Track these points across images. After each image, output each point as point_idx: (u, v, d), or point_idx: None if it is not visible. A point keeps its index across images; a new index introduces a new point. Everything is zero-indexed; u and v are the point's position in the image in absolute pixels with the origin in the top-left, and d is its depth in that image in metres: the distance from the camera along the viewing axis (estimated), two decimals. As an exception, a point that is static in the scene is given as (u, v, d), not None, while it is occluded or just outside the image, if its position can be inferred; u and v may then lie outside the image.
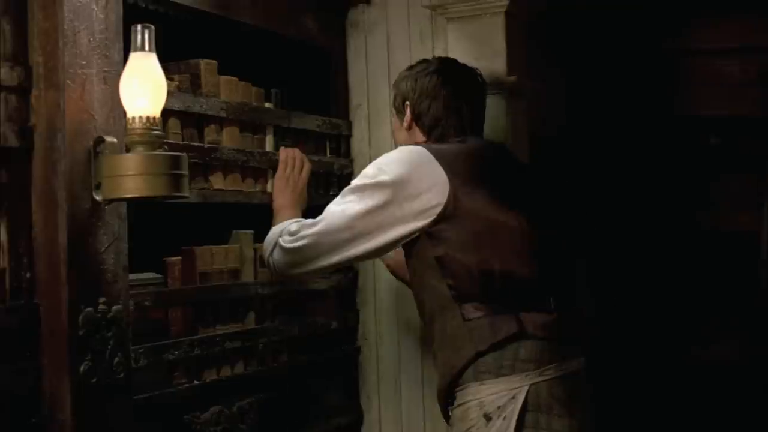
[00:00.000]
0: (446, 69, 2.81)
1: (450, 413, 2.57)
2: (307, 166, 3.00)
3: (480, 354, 2.44)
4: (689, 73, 4.89)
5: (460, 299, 2.48)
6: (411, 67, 2.85)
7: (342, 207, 2.57)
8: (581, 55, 4.86)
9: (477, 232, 2.49)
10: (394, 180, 2.52)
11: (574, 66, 4.87)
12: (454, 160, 2.56)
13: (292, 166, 2.96)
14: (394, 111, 2.87)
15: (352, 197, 2.57)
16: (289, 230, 2.64)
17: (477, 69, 2.88)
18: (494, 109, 3.27)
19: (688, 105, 4.90)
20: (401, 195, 2.51)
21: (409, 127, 2.78)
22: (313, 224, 2.60)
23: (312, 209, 2.90)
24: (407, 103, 2.77)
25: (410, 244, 2.57)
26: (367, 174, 2.58)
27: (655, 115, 4.99)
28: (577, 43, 4.78)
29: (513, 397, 2.43)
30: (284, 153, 2.98)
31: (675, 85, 4.92)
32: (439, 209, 2.49)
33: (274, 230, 2.71)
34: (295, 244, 2.61)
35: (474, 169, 2.58)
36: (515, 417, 2.41)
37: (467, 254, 2.48)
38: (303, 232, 2.60)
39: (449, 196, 2.49)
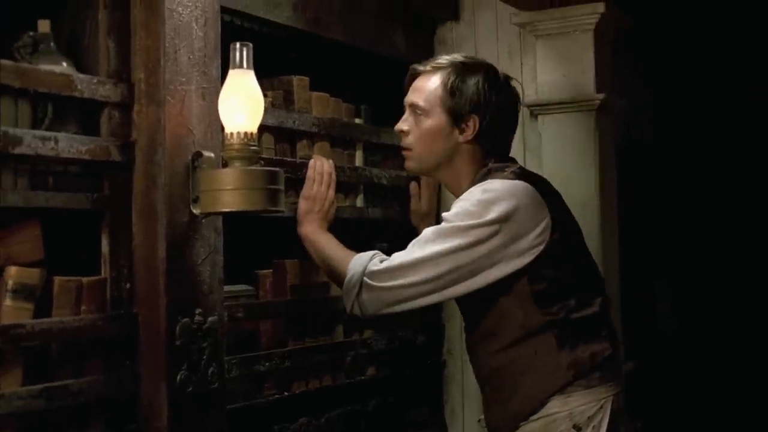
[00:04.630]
0: (508, 82, 2.63)
1: (517, 427, 2.50)
2: (333, 181, 2.78)
3: (578, 377, 2.43)
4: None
5: (552, 326, 2.44)
6: (472, 68, 2.58)
7: (446, 246, 2.39)
8: (670, 71, 4.82)
9: (573, 267, 2.49)
10: (502, 219, 2.39)
11: (663, 82, 4.84)
12: (549, 195, 2.49)
13: (319, 183, 2.74)
14: (436, 107, 2.56)
15: (458, 237, 2.39)
16: (375, 270, 2.44)
17: None
18: (583, 125, 3.29)
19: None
20: (508, 235, 2.39)
21: (467, 142, 2.55)
22: (412, 264, 2.41)
23: (400, 222, 2.92)
24: (474, 116, 2.54)
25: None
26: (473, 213, 2.41)
27: (740, 132, 4.94)
28: (666, 60, 4.75)
29: (601, 407, 2.44)
30: (312, 168, 2.75)
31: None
32: (542, 247, 2.40)
33: (352, 269, 2.47)
34: (389, 283, 2.43)
35: (559, 201, 2.55)
36: (605, 426, 2.42)
37: (564, 289, 2.45)
38: (399, 272, 2.42)
39: (552, 236, 2.42)
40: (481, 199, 2.42)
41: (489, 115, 2.53)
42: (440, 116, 2.55)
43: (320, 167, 2.75)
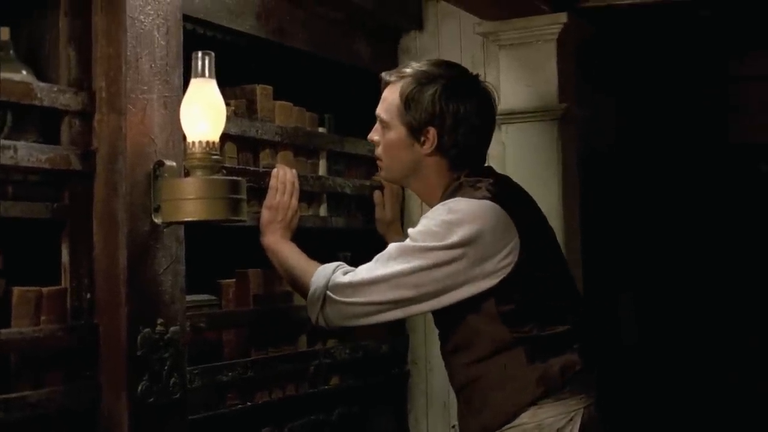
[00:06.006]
0: (475, 88, 2.55)
1: None
2: (296, 190, 2.77)
3: (548, 393, 2.42)
4: (742, 99, 4.87)
5: (522, 342, 2.42)
6: (432, 77, 2.49)
7: (407, 266, 2.37)
8: (630, 81, 4.86)
9: (544, 285, 2.46)
10: (465, 243, 2.35)
11: (623, 92, 4.87)
12: (519, 213, 2.43)
13: (282, 192, 2.72)
14: (395, 119, 2.52)
15: (418, 258, 2.37)
16: (338, 282, 2.43)
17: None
18: (546, 135, 3.30)
19: (740, 132, 4.87)
20: (473, 257, 2.36)
21: (431, 154, 2.50)
22: (375, 281, 2.40)
23: (363, 232, 2.93)
24: (431, 128, 2.48)
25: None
26: (435, 234, 2.37)
27: (705, 142, 4.98)
28: (626, 70, 4.79)
29: (571, 419, 2.42)
30: (275, 177, 2.73)
31: (727, 111, 4.91)
32: (509, 269, 2.37)
33: (316, 282, 2.45)
34: (353, 299, 2.41)
35: (531, 217, 2.51)
36: None
37: (533, 309, 2.43)
38: (362, 288, 2.41)
39: (520, 256, 2.38)
40: (444, 220, 2.38)
41: (448, 126, 2.47)
42: (399, 129, 2.52)
43: (283, 176, 2.74)
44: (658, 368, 4.97)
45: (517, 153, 3.32)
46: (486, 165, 2.65)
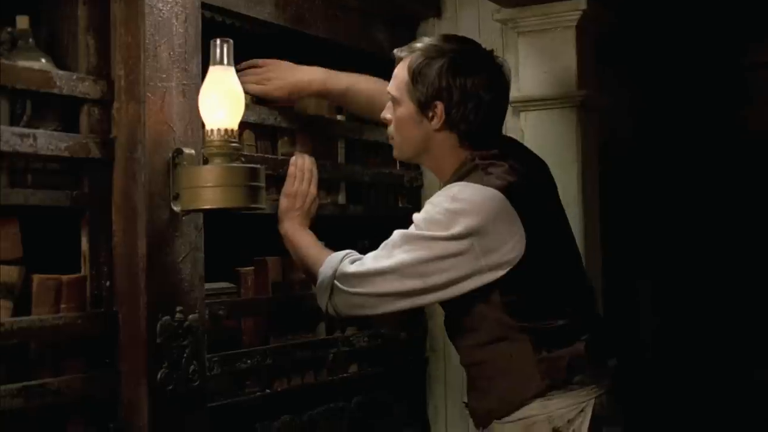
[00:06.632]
0: (486, 62, 2.49)
1: (494, 426, 2.49)
2: (315, 178, 2.75)
3: (553, 386, 2.40)
4: (762, 86, 4.83)
5: (528, 332, 2.40)
6: (441, 51, 2.44)
7: (412, 256, 2.35)
8: (651, 69, 4.83)
9: (549, 276, 2.44)
10: (471, 232, 2.31)
11: (644, 80, 4.84)
12: (527, 204, 2.38)
13: (301, 179, 2.71)
14: (404, 95, 2.48)
15: (423, 248, 2.34)
16: (345, 272, 2.42)
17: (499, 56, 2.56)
18: (565, 122, 3.29)
19: (759, 119, 4.83)
20: (478, 248, 2.32)
21: (440, 130, 2.45)
22: (380, 272, 2.38)
23: (382, 219, 2.93)
24: (438, 103, 2.43)
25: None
26: (439, 222, 2.34)
27: (724, 128, 4.94)
28: (646, 58, 4.76)
29: (582, 411, 2.41)
30: (294, 164, 2.72)
31: (746, 98, 4.86)
32: (515, 261, 2.33)
33: (324, 272, 2.45)
34: (359, 290, 2.41)
35: (540, 208, 2.46)
36: (585, 430, 2.40)
37: (541, 300, 2.42)
38: (368, 279, 2.40)
39: (526, 249, 2.33)
40: (448, 209, 2.34)
41: (455, 101, 2.41)
42: (408, 105, 2.47)
43: (302, 164, 2.73)
44: (677, 362, 4.94)
45: (536, 140, 3.29)
46: (509, 137, 2.60)
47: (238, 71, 2.27)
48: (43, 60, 2.13)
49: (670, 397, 4.87)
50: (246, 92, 2.36)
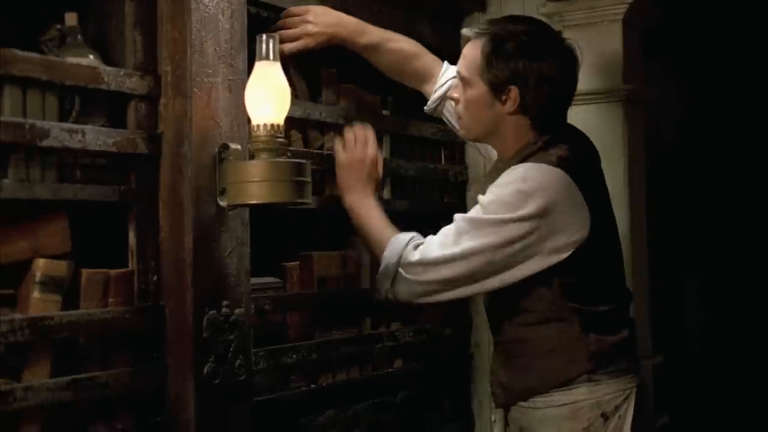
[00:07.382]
0: (558, 46, 2.47)
1: (526, 412, 2.51)
2: (373, 140, 2.69)
3: (598, 367, 2.42)
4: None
5: (578, 314, 2.42)
6: (513, 33, 2.42)
7: (480, 242, 2.34)
8: (697, 61, 4.78)
9: (605, 261, 2.48)
10: (539, 214, 2.31)
11: (690, 72, 4.80)
12: (590, 187, 2.40)
13: (362, 143, 2.67)
14: (476, 77, 2.46)
15: (492, 233, 2.34)
16: (411, 260, 2.42)
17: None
18: (611, 116, 3.26)
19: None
20: (545, 230, 2.32)
21: (512, 113, 2.45)
22: (448, 260, 2.38)
23: (426, 214, 2.92)
24: (512, 87, 2.41)
25: None
26: (509, 204, 2.34)
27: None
28: (693, 50, 4.71)
29: (626, 397, 2.44)
30: (350, 130, 2.68)
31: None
32: (579, 244, 2.35)
33: (388, 257, 2.46)
34: (424, 278, 2.41)
35: (600, 192, 2.49)
36: (630, 416, 2.42)
37: (594, 283, 2.44)
38: (435, 267, 2.39)
39: (589, 231, 2.35)
40: (520, 189, 2.34)
41: (531, 86, 2.40)
42: (480, 87, 2.46)
43: (359, 129, 2.70)
44: (723, 356, 4.89)
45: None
46: (568, 123, 2.60)
47: (273, 31, 2.25)
48: (91, 56, 2.14)
49: (716, 390, 4.83)
50: (287, 53, 2.43)
